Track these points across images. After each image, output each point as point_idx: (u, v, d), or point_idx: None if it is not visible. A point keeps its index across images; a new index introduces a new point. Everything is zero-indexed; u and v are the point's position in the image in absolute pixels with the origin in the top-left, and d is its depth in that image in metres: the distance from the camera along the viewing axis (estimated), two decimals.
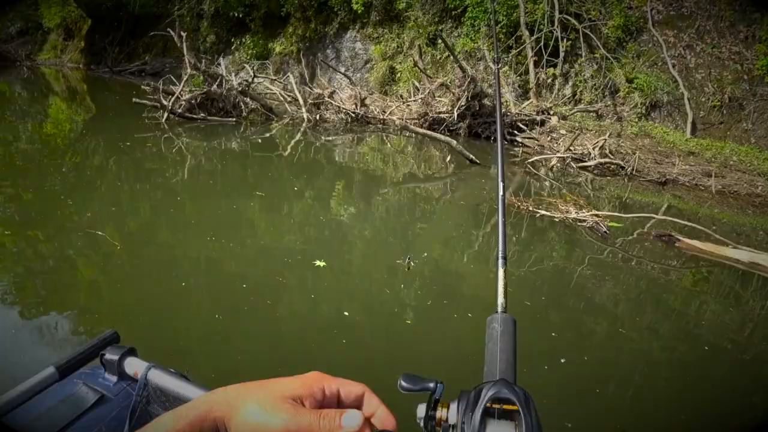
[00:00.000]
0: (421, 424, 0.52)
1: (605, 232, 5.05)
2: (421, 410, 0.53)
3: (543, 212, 5.42)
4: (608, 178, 8.32)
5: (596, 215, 5.28)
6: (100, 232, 4.03)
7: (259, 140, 9.18)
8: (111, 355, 1.04)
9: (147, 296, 3.32)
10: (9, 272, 3.46)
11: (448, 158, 8.61)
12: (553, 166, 8.28)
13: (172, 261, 3.92)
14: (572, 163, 8.47)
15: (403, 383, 0.57)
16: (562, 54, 10.76)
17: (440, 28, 12.78)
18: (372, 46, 13.79)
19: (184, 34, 10.15)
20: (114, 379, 1.04)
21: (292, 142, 9.13)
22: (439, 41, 12.64)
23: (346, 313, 3.24)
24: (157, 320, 3.06)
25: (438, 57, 12.73)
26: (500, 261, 0.84)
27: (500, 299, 0.74)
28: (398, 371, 0.62)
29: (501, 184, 0.91)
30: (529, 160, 8.28)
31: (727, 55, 10.95)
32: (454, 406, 0.52)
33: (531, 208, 5.55)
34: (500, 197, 0.95)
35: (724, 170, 8.89)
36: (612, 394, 2.82)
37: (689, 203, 7.72)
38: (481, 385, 0.52)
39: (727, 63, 10.88)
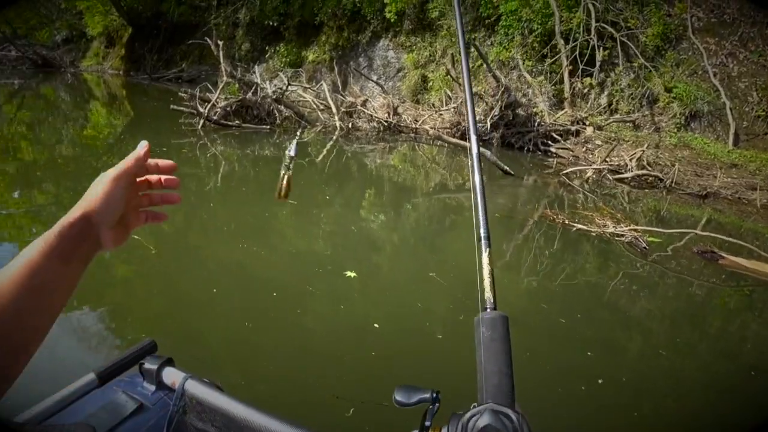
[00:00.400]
0: None
1: (645, 247, 4.91)
2: None
3: (579, 226, 5.30)
4: (646, 190, 8.11)
5: (635, 230, 5.14)
6: (135, 236, 4.13)
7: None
8: (150, 365, 1.07)
9: (179, 301, 3.40)
10: None
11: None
12: (588, 178, 8.11)
13: (204, 266, 4.00)
14: (608, 175, 8.28)
15: (398, 398, 0.55)
16: (598, 63, 10.56)
17: (473, 36, 12.72)
18: (404, 54, 13.83)
19: (221, 43, 10.39)
20: (152, 388, 1.07)
21: (324, 150, 9.21)
22: (473, 50, 12.59)
23: (377, 325, 3.23)
24: (188, 325, 3.12)
25: (471, 66, 12.67)
26: (483, 243, 0.69)
27: (487, 294, 0.62)
28: (428, 386, 0.60)
29: (474, 138, 0.78)
30: (564, 171, 8.15)
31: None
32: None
33: (566, 222, 5.44)
34: (475, 155, 0.82)
35: None
36: (652, 417, 2.72)
37: (731, 217, 7.45)
38: (469, 413, 0.50)
39: None
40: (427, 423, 0.53)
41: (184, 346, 2.86)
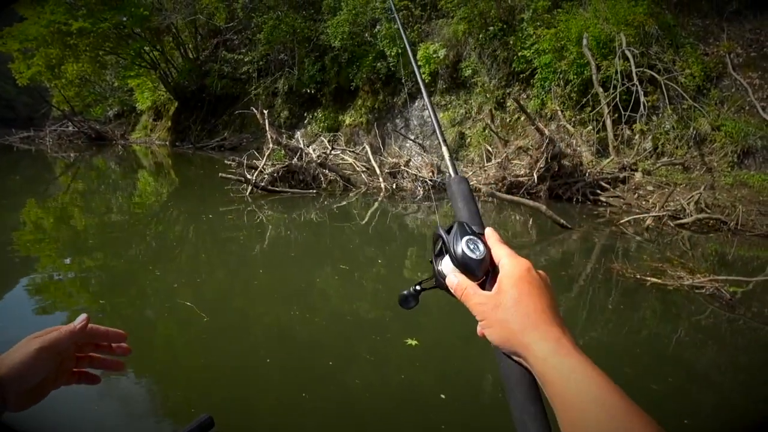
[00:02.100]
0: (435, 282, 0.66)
1: (730, 299, 4.61)
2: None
3: (653, 279, 5.05)
4: (710, 234, 7.75)
5: (715, 280, 4.85)
6: (188, 303, 4.20)
7: (337, 210, 9.40)
8: None
9: (234, 372, 3.35)
10: None
11: (530, 223, 8.40)
12: (647, 226, 7.84)
13: (256, 335, 3.99)
14: (669, 222, 7.99)
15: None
16: (644, 108, 10.45)
17: (508, 91, 12.91)
18: (440, 113, 14.09)
19: (266, 112, 10.84)
20: None
21: (369, 212, 9.28)
22: (508, 104, 12.73)
23: (443, 396, 3.08)
24: (244, 398, 3.07)
25: (507, 120, 12.77)
26: (439, 134, 0.84)
27: (450, 168, 0.77)
28: None
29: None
30: (621, 221, 7.91)
31: None
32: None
33: (638, 276, 5.20)
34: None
35: None
36: None
37: None
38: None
39: None
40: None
41: (241, 419, 2.83)
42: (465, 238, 0.59)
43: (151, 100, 28.03)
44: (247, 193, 9.89)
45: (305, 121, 18.35)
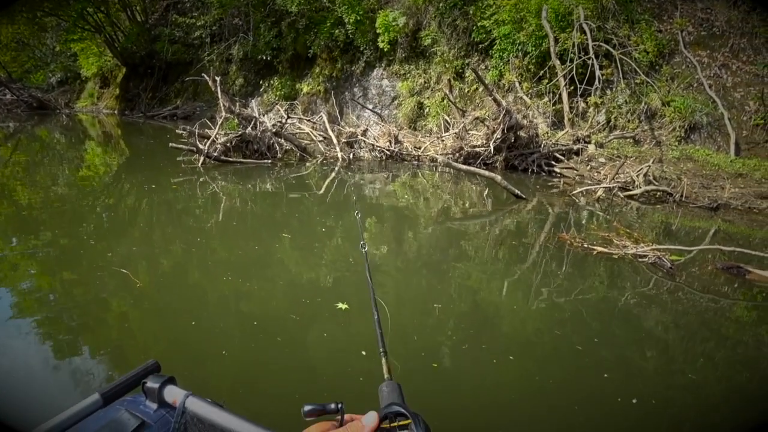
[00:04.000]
0: None
1: (670, 267, 4.77)
2: None
3: (600, 249, 5.17)
4: (657, 206, 8.02)
5: (657, 249, 5.01)
6: (123, 270, 4.14)
7: (293, 181, 9.20)
8: (152, 384, 1.10)
9: (176, 332, 3.40)
10: (44, 310, 3.59)
11: (486, 193, 8.45)
12: (599, 197, 8.02)
13: (210, 303, 3.93)
14: (619, 193, 8.20)
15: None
16: (599, 81, 10.61)
17: (467, 61, 12.82)
18: (399, 82, 13.90)
19: (219, 79, 10.38)
20: (154, 406, 1.09)
21: (327, 182, 9.12)
22: (467, 74, 12.67)
23: (363, 353, 3.12)
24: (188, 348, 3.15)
25: (466, 90, 12.73)
26: (380, 342, 0.86)
27: (385, 373, 0.78)
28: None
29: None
30: (574, 192, 8.06)
31: (766, 71, 10.65)
32: None
33: (586, 245, 5.31)
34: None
35: None
36: None
37: (743, 228, 7.36)
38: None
39: (766, 80, 10.58)
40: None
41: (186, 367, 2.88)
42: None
43: (96, 66, 26.39)
44: (200, 164, 9.53)
45: (261, 90, 17.76)
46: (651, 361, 3.47)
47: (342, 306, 3.74)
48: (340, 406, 0.72)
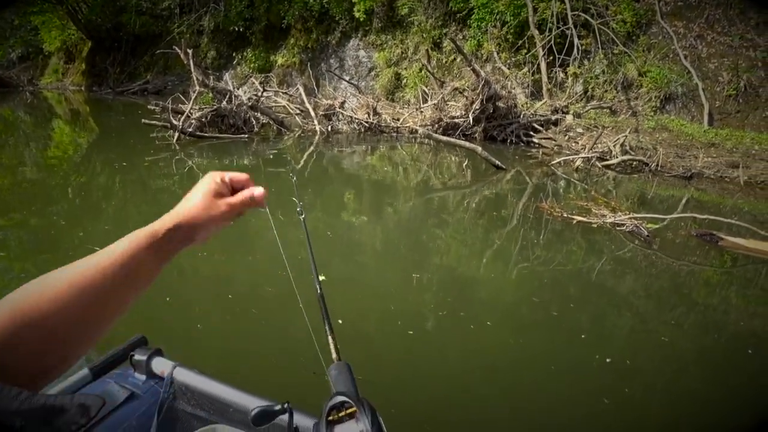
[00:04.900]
0: None
1: (647, 235, 4.86)
2: None
3: (578, 218, 5.22)
4: (633, 175, 8.14)
5: (634, 218, 5.08)
6: (97, 248, 3.94)
7: (271, 155, 9.04)
8: (139, 356, 1.14)
9: (151, 309, 3.28)
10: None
11: (465, 164, 8.44)
12: (577, 167, 8.09)
13: (187, 277, 3.87)
14: (596, 162, 8.28)
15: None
16: (578, 51, 10.60)
17: (445, 31, 12.65)
18: (376, 53, 13.66)
19: (190, 51, 10.03)
20: (143, 378, 1.13)
21: (305, 155, 8.98)
22: (445, 45, 12.51)
23: (340, 321, 3.08)
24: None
25: (444, 61, 12.59)
26: (325, 321, 0.83)
27: (333, 353, 0.77)
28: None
29: None
30: (553, 162, 8.11)
31: (739, 42, 10.76)
32: None
33: (564, 214, 5.36)
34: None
35: (747, 160, 8.67)
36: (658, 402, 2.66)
37: (714, 196, 7.53)
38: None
39: (739, 51, 10.70)
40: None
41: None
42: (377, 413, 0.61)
43: (60, 40, 25.24)
44: (174, 140, 9.24)
45: (234, 62, 17.28)
46: (626, 324, 3.56)
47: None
48: (286, 406, 0.70)
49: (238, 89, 10.86)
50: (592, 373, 2.83)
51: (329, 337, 0.83)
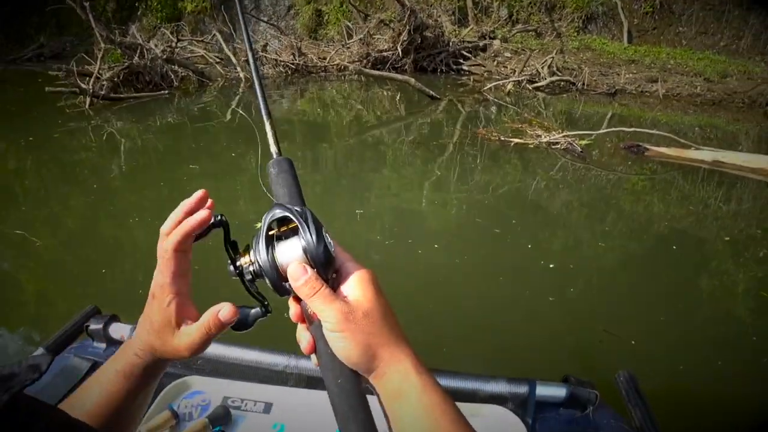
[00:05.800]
0: (233, 277, 0.54)
1: (581, 151, 5.04)
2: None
3: (516, 140, 5.33)
4: (562, 95, 8.35)
5: (567, 136, 5.25)
6: (18, 231, 3.70)
7: (196, 110, 8.52)
8: (95, 325, 1.12)
9: (89, 284, 3.15)
10: None
11: (398, 98, 8.32)
12: (508, 91, 8.18)
13: (126, 244, 3.74)
14: (527, 85, 8.40)
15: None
16: None
17: None
18: None
19: (87, 3, 8.99)
20: (103, 346, 1.12)
21: (232, 105, 8.53)
22: None
23: None
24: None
25: None
26: (261, 105, 0.67)
27: (272, 147, 0.66)
28: None
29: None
30: (485, 88, 8.14)
31: None
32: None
33: (502, 138, 5.44)
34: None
35: (664, 74, 9.08)
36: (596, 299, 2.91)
37: (636, 110, 7.91)
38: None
39: None
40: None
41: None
42: (323, 228, 0.51)
43: None
44: (87, 106, 8.39)
45: (138, 13, 15.79)
46: (566, 234, 3.76)
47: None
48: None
49: (148, 42, 9.98)
50: (537, 278, 3.00)
51: (267, 124, 0.65)
